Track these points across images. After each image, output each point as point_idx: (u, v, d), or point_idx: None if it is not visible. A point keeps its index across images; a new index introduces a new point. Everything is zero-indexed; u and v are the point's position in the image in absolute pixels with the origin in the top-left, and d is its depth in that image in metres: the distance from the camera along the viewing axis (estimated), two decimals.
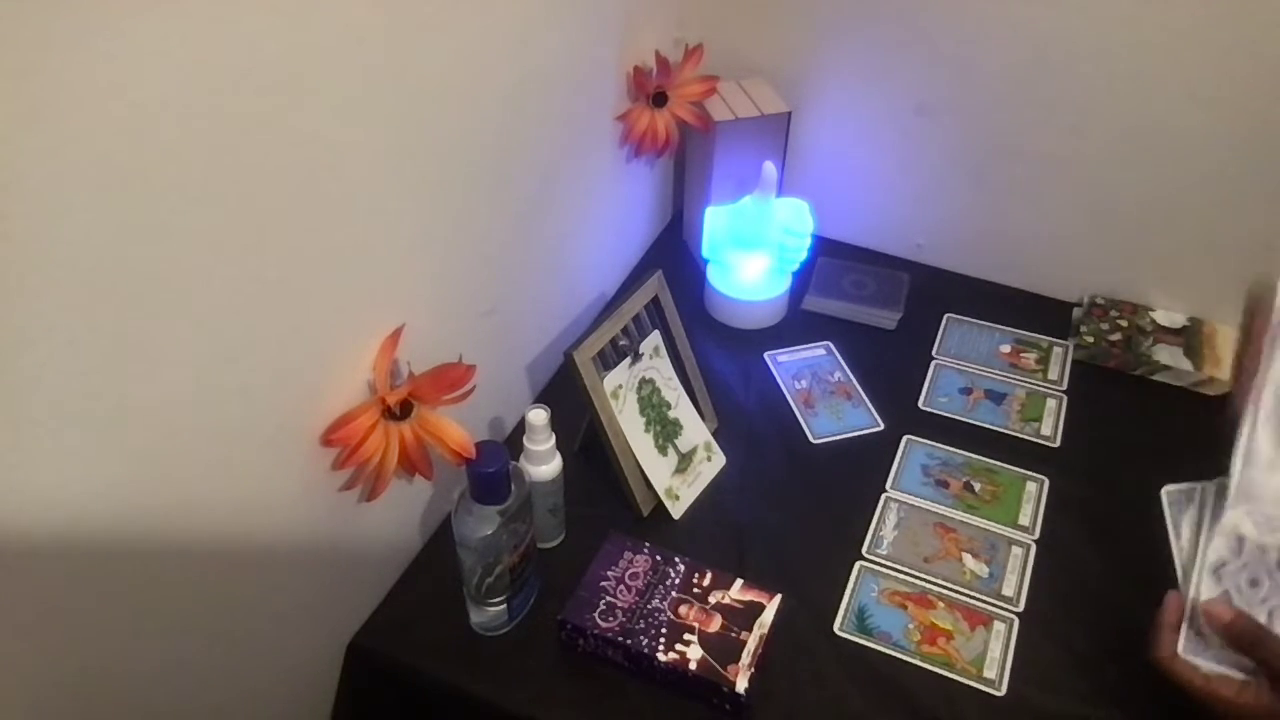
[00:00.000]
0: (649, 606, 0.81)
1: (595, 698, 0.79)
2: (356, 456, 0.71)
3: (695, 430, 0.97)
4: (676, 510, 0.93)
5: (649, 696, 0.78)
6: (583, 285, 1.11)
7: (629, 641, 0.78)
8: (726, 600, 0.81)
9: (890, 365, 1.10)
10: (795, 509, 0.94)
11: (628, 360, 0.91)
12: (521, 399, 1.02)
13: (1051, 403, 1.06)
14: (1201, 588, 0.71)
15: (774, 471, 0.99)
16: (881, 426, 1.03)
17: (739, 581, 0.82)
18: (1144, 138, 1.04)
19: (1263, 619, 0.69)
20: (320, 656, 0.82)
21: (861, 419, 1.04)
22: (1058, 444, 1.01)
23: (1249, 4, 0.93)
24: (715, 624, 0.80)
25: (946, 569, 0.89)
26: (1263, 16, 0.93)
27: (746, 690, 0.75)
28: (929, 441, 1.01)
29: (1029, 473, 0.98)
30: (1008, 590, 0.87)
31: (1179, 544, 0.74)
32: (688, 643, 0.78)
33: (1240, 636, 0.68)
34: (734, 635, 0.79)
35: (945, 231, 1.22)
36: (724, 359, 1.11)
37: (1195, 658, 0.70)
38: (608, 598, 0.81)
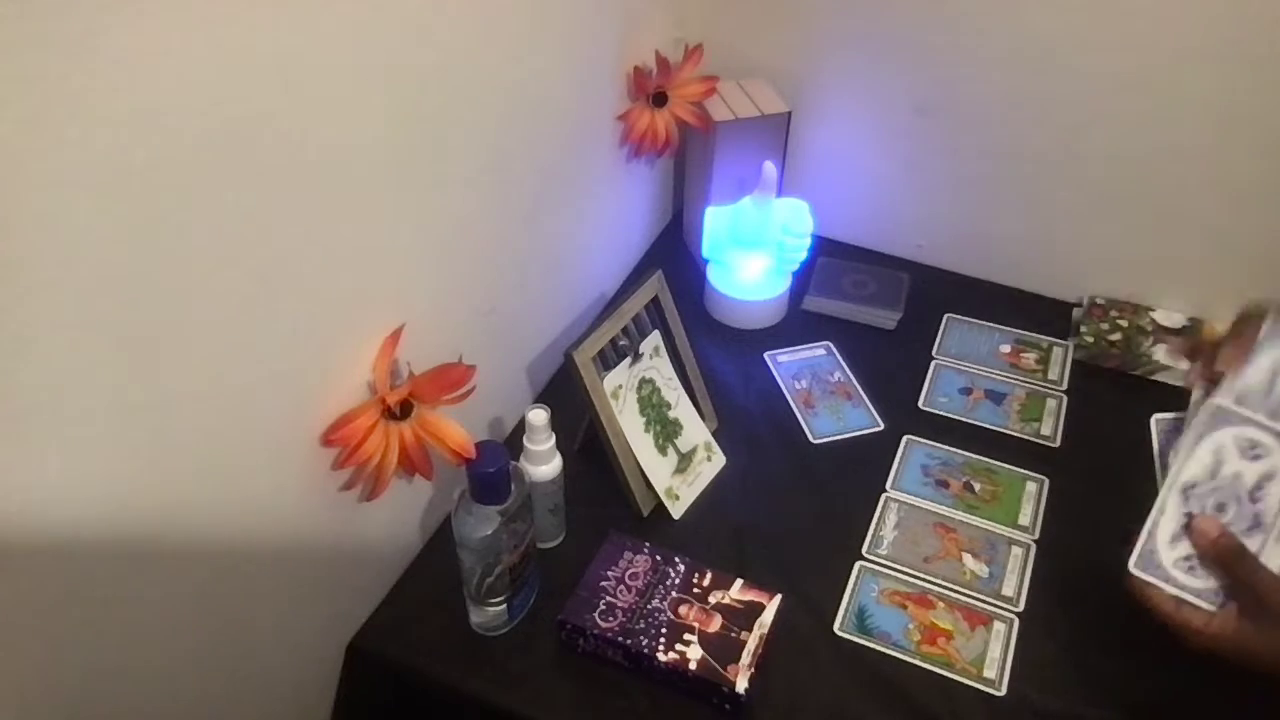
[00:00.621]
0: (649, 606, 0.81)
1: (595, 698, 0.79)
2: (356, 456, 0.71)
3: (695, 430, 0.97)
4: (676, 510, 0.93)
5: (649, 696, 0.78)
6: (583, 285, 1.11)
7: (629, 641, 0.78)
8: (726, 600, 0.81)
9: (890, 365, 1.10)
10: (795, 509, 0.94)
11: (628, 360, 0.91)
12: (521, 399, 1.02)
13: (1051, 403, 1.06)
14: (1168, 504, 0.71)
15: (774, 471, 0.98)
16: (881, 426, 1.03)
17: (739, 581, 0.82)
18: (1144, 137, 1.04)
19: None
20: (320, 657, 0.82)
21: (861, 419, 1.04)
22: (1058, 444, 1.01)
23: (1250, 8, 0.93)
24: (715, 624, 0.80)
25: (946, 569, 0.89)
26: (1262, 20, 0.93)
27: (746, 690, 0.75)
28: (929, 441, 1.01)
29: (1029, 473, 0.98)
30: (1008, 590, 0.87)
31: (1163, 473, 0.74)
32: (688, 643, 0.78)
33: (1223, 554, 0.69)
34: (734, 635, 0.79)
35: (946, 232, 1.21)
36: (724, 359, 1.11)
37: (1144, 573, 0.70)
38: (608, 598, 0.81)
